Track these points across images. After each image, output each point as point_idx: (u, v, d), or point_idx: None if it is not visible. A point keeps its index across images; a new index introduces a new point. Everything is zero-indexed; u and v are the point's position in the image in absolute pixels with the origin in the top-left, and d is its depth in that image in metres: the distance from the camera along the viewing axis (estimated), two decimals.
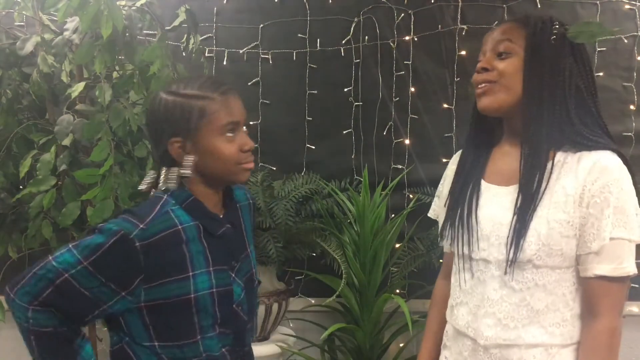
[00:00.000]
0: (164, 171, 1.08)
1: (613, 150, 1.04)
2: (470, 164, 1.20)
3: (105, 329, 1.11)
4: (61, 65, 1.72)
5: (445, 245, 1.26)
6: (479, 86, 1.12)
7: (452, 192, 1.22)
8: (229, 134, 1.05)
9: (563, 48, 1.06)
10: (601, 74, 2.36)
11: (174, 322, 1.04)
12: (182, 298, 1.03)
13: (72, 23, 1.63)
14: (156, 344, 1.04)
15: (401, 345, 2.26)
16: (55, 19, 1.74)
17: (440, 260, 2.20)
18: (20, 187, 1.81)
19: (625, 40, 2.36)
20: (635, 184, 1.04)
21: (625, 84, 2.37)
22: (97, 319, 1.03)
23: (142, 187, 1.12)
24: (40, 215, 1.71)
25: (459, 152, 1.27)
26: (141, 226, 1.00)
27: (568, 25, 1.09)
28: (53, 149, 1.69)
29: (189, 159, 1.05)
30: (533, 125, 1.06)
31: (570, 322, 1.05)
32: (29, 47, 1.64)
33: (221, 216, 1.13)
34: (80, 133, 1.64)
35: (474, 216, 1.14)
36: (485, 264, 1.10)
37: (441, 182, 1.34)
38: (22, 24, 1.95)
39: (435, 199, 1.35)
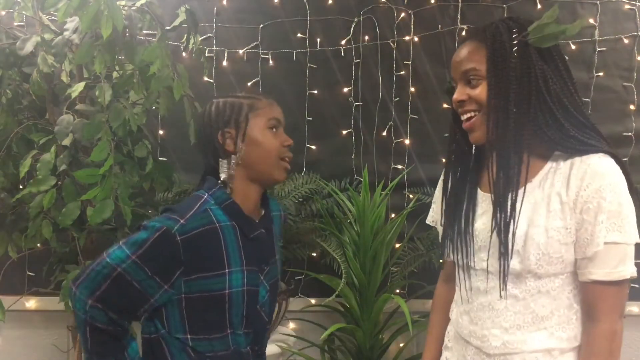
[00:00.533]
0: (221, 162, 1.17)
1: (606, 153, 1.02)
2: (460, 173, 1.19)
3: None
4: (61, 65, 1.72)
5: (445, 253, 1.25)
6: (463, 119, 1.10)
7: (447, 204, 1.20)
8: (274, 129, 1.18)
9: (529, 56, 1.03)
10: (601, 74, 2.36)
11: (208, 315, 1.11)
12: (217, 293, 1.10)
13: (72, 23, 1.63)
14: (189, 336, 1.11)
15: (401, 345, 2.26)
16: (55, 19, 1.74)
17: (441, 260, 2.21)
18: (20, 187, 1.81)
19: (626, 40, 2.36)
20: (632, 183, 1.03)
21: (625, 84, 2.37)
22: (146, 313, 1.12)
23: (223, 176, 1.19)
24: (40, 215, 1.71)
25: None
26: (181, 221, 1.07)
27: (528, 30, 1.04)
28: (53, 149, 1.69)
29: (242, 148, 1.15)
30: (501, 141, 1.04)
31: (576, 324, 1.05)
32: (29, 47, 1.64)
33: (257, 221, 1.20)
34: (80, 133, 1.64)
35: (470, 228, 1.13)
36: (486, 274, 1.10)
37: (437, 188, 1.31)
38: (22, 24, 1.94)
39: (433, 205, 1.34)
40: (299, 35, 2.40)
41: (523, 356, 1.06)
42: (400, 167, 2.41)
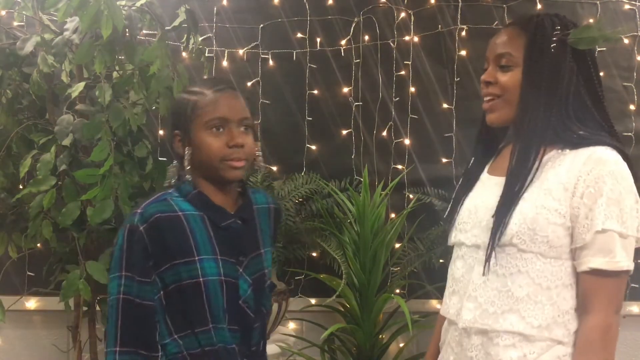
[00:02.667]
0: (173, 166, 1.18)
1: (612, 147, 1.04)
2: (478, 162, 1.24)
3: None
4: (61, 65, 1.72)
5: (450, 239, 1.26)
6: (485, 99, 1.15)
7: (458, 188, 1.26)
8: (215, 130, 1.09)
9: (564, 54, 1.07)
10: (601, 74, 2.34)
11: (188, 307, 1.08)
12: (191, 281, 1.07)
13: (72, 23, 1.63)
14: (175, 336, 1.09)
15: (401, 345, 2.26)
16: (55, 19, 1.74)
17: (441, 260, 2.21)
18: (20, 187, 1.81)
19: (625, 40, 2.36)
20: (636, 180, 1.04)
21: (625, 84, 2.37)
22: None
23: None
24: (40, 215, 1.71)
25: None
26: (139, 211, 1.08)
27: (570, 30, 1.08)
28: (53, 149, 1.69)
29: (188, 151, 1.11)
30: (527, 130, 1.08)
31: (553, 318, 1.04)
32: (29, 47, 1.64)
33: (232, 212, 1.16)
34: (80, 133, 1.64)
35: (471, 205, 1.16)
36: (476, 250, 1.12)
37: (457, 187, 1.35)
38: (22, 24, 1.94)
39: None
40: (299, 35, 2.40)
41: (492, 338, 1.05)
42: (400, 167, 2.41)
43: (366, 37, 2.40)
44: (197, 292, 1.08)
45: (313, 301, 2.37)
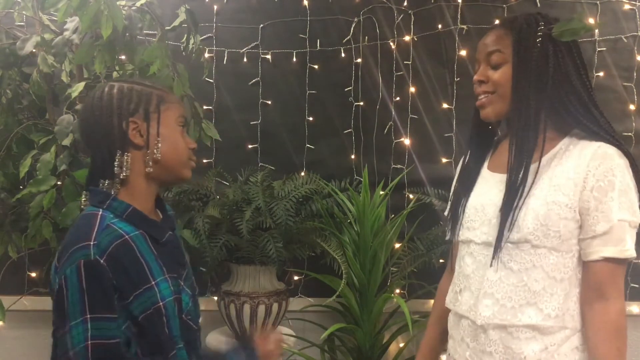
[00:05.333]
0: (120, 156, 1.02)
1: (615, 145, 1.08)
2: (475, 158, 1.27)
3: None
4: (61, 65, 1.72)
5: (450, 235, 1.29)
6: (479, 97, 1.20)
7: (457, 183, 1.29)
8: (180, 127, 1.09)
9: (550, 46, 1.11)
10: (601, 74, 2.36)
11: (160, 333, 1.00)
12: (153, 308, 0.99)
13: (72, 23, 1.63)
14: None
15: (401, 345, 2.26)
16: (55, 19, 1.74)
17: (441, 260, 2.21)
18: (20, 187, 1.81)
19: (625, 40, 2.36)
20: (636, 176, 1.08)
21: (625, 84, 2.37)
22: None
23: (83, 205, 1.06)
24: (40, 215, 1.71)
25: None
26: (92, 243, 0.94)
27: (553, 24, 1.13)
28: (53, 149, 1.69)
29: (158, 141, 1.04)
30: (521, 124, 1.12)
31: (565, 308, 1.07)
32: (29, 47, 1.64)
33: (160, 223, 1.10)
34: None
35: (477, 202, 1.19)
36: (487, 247, 1.14)
37: (453, 182, 1.37)
38: (22, 24, 1.95)
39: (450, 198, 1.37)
40: (299, 35, 2.40)
41: (512, 332, 1.08)
42: (400, 167, 2.41)
43: (366, 37, 2.40)
44: (159, 318, 0.99)
45: (313, 301, 2.37)
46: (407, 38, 2.40)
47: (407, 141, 2.40)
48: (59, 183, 1.69)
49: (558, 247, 1.06)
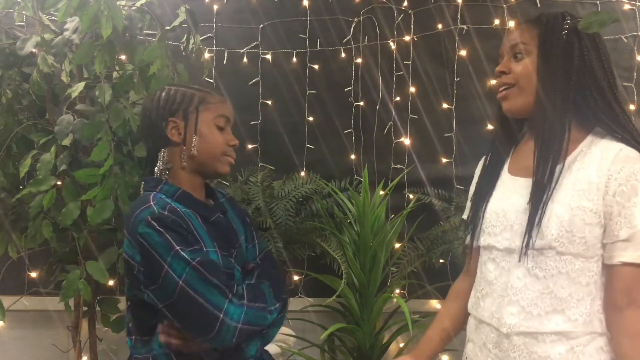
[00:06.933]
0: (163, 153, 1.16)
1: (636, 148, 1.06)
2: (495, 160, 1.25)
3: (106, 329, 1.11)
4: (61, 65, 1.72)
5: (469, 239, 1.27)
6: (500, 89, 1.17)
7: (477, 186, 1.26)
8: (220, 125, 1.18)
9: (575, 42, 1.09)
10: None
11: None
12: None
13: (72, 23, 1.63)
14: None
15: (401, 345, 2.26)
16: (55, 19, 1.74)
17: (441, 260, 2.21)
18: (20, 187, 1.81)
19: (625, 40, 2.36)
20: None
21: (626, 84, 2.37)
22: None
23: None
24: (40, 215, 1.71)
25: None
26: (151, 204, 1.07)
27: (579, 20, 1.11)
28: (53, 149, 1.69)
29: (194, 139, 1.14)
30: (547, 119, 1.09)
31: (593, 312, 1.05)
32: (29, 47, 1.64)
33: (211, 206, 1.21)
34: (80, 133, 1.64)
35: (498, 207, 1.16)
36: (510, 253, 1.12)
37: (472, 184, 1.34)
38: (22, 24, 1.95)
39: (468, 202, 1.35)
40: (299, 35, 2.40)
41: (537, 337, 1.06)
42: (400, 167, 2.41)
43: (366, 37, 2.40)
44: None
45: (313, 301, 2.37)
46: (407, 38, 2.40)
47: (407, 141, 2.40)
48: (59, 183, 1.69)
49: (584, 253, 1.04)
